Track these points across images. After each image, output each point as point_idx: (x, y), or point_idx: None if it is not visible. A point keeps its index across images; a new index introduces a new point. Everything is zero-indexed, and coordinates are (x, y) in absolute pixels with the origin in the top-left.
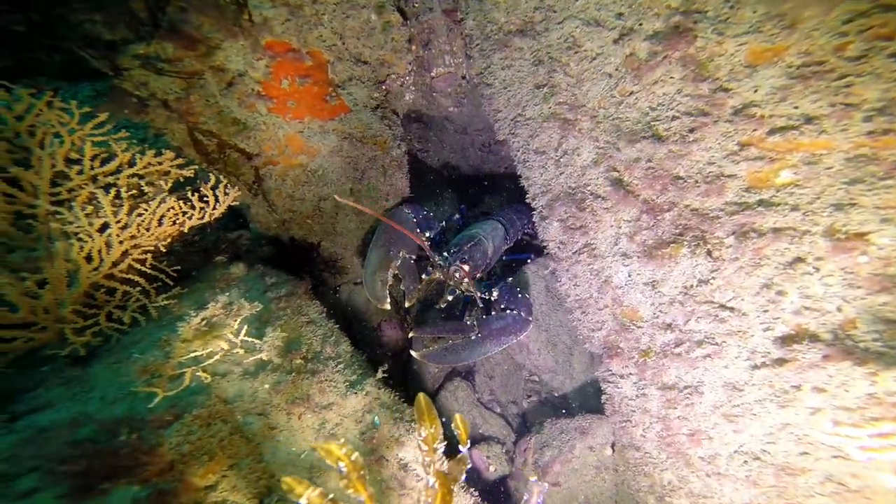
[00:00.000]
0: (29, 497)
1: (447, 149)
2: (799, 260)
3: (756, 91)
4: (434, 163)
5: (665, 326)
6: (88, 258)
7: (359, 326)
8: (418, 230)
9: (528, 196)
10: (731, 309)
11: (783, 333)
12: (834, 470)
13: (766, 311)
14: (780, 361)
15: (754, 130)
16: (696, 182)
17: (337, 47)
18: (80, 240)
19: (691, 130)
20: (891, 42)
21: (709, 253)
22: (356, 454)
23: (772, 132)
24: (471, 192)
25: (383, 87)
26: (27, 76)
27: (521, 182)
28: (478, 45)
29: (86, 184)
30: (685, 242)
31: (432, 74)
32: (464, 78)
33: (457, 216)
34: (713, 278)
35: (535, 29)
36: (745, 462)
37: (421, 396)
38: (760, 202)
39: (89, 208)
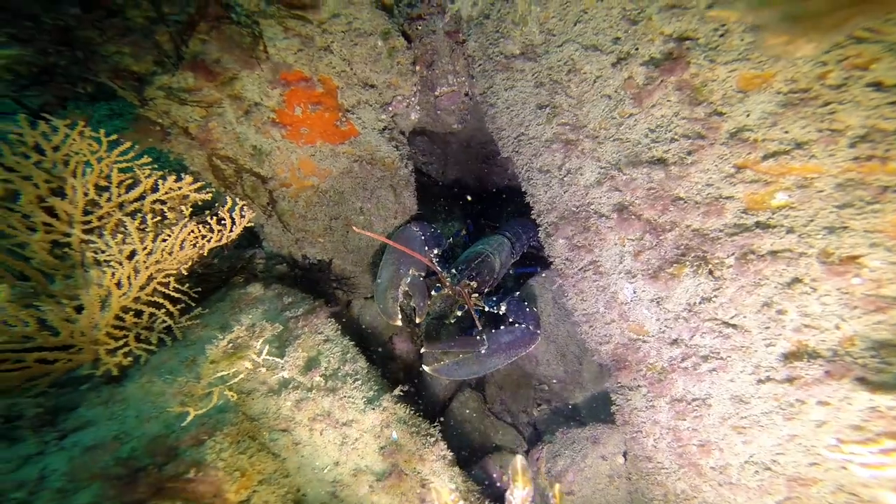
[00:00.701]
0: None
1: (451, 162)
2: (797, 280)
3: (748, 115)
4: (439, 176)
5: (671, 341)
6: (118, 284)
7: (371, 341)
8: (426, 248)
9: (533, 212)
10: (735, 326)
11: (785, 350)
12: (844, 480)
13: (767, 328)
14: (784, 376)
15: (749, 153)
16: (697, 203)
17: (346, 73)
18: (110, 267)
19: (689, 153)
20: (866, 72)
21: (710, 272)
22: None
23: (766, 156)
24: (476, 205)
25: (390, 109)
26: (64, 108)
27: (525, 197)
28: (480, 65)
29: (114, 211)
30: (688, 263)
31: (436, 93)
32: (467, 95)
33: (463, 232)
34: (716, 296)
35: (536, 52)
36: (757, 472)
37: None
38: (758, 224)
39: (119, 236)
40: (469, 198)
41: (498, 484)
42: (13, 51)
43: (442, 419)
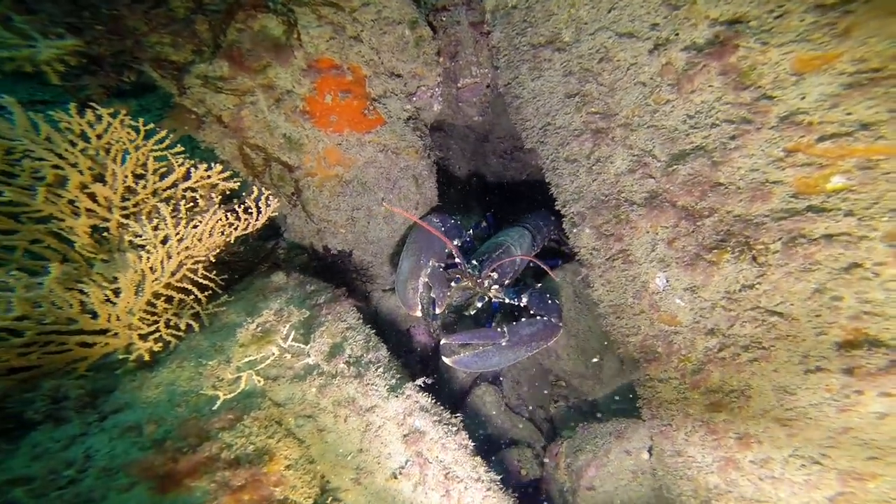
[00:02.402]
0: (129, 490)
1: (468, 157)
2: (855, 265)
3: (804, 98)
4: (456, 171)
5: (707, 331)
6: (152, 268)
7: (388, 331)
8: (448, 239)
9: (557, 203)
10: (781, 314)
11: (840, 338)
12: None
13: (818, 315)
14: (839, 366)
15: (802, 137)
16: (739, 189)
17: (374, 62)
18: (146, 251)
19: (732, 138)
20: None
21: (754, 258)
22: None
23: (822, 138)
24: (494, 201)
25: (414, 99)
26: (108, 98)
27: (548, 189)
28: (505, 56)
29: (149, 197)
30: (729, 248)
31: (459, 85)
32: (488, 87)
33: (484, 224)
34: (759, 283)
35: (565, 41)
36: (804, 466)
37: None
38: (810, 208)
39: (154, 221)
40: (486, 191)
41: (517, 477)
42: (70, 42)
43: (459, 411)
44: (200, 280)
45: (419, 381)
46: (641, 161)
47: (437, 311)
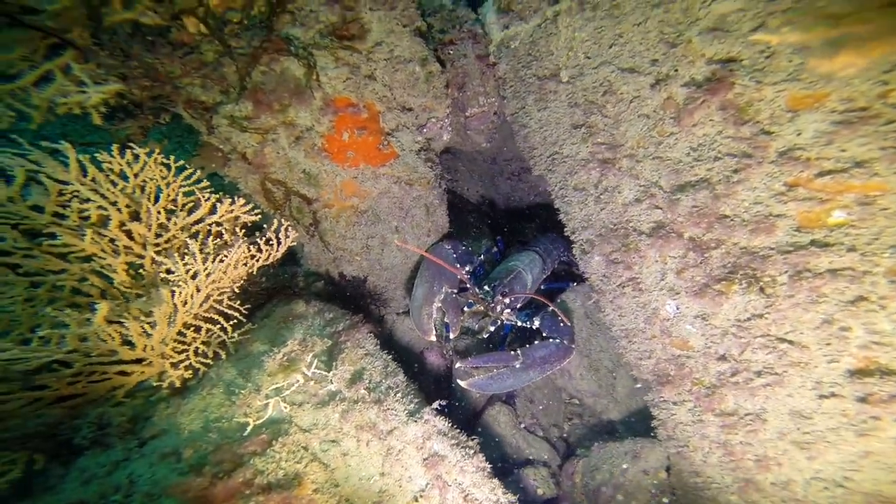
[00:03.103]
0: None
1: (477, 178)
2: (861, 298)
3: (799, 135)
4: (465, 193)
5: (719, 356)
6: (183, 302)
7: (403, 354)
8: (458, 265)
9: (566, 229)
10: (791, 342)
11: (852, 366)
12: None
13: (828, 344)
14: (853, 392)
15: (801, 172)
16: (744, 221)
17: (387, 98)
18: (177, 286)
19: (735, 171)
20: None
21: (762, 290)
22: None
23: (820, 174)
24: (503, 222)
25: (425, 131)
26: (145, 138)
27: (557, 215)
28: (511, 87)
29: (179, 233)
30: (737, 280)
31: (467, 114)
32: (496, 114)
33: (494, 249)
34: (768, 313)
35: (571, 74)
36: (827, 489)
37: None
38: (813, 242)
39: (186, 257)
40: (495, 213)
41: (534, 497)
42: (114, 86)
43: (473, 432)
44: (225, 310)
45: (435, 405)
46: (648, 192)
47: (451, 335)
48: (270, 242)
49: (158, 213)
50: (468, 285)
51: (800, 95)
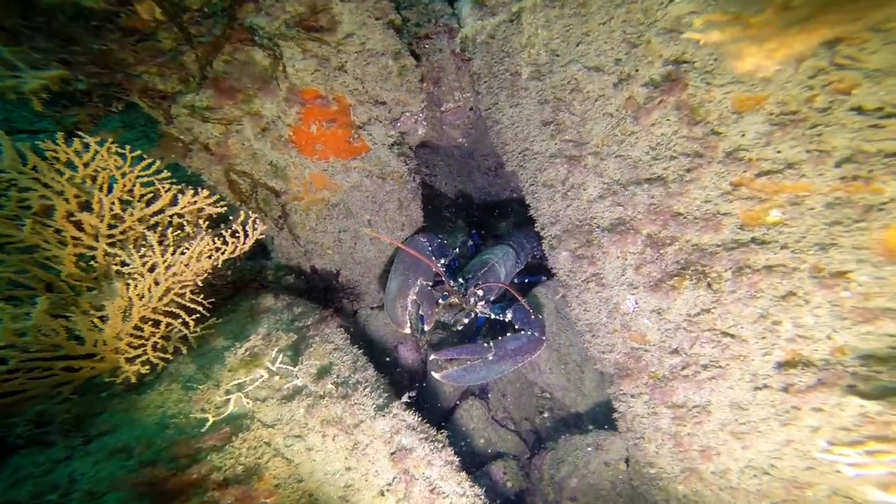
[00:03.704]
0: None
1: (454, 173)
2: (791, 293)
3: (743, 136)
4: (442, 187)
5: (672, 350)
6: (140, 295)
7: (376, 350)
8: (433, 258)
9: (536, 225)
10: (732, 336)
11: (781, 359)
12: (840, 484)
13: (764, 338)
14: (780, 383)
15: (744, 172)
16: (695, 219)
17: (358, 91)
18: (133, 278)
19: (688, 170)
20: (849, 96)
21: (709, 285)
22: None
23: (759, 174)
24: (479, 216)
25: (399, 125)
26: (97, 126)
27: (529, 210)
28: (485, 82)
29: (136, 224)
30: (687, 276)
31: (443, 109)
32: (471, 110)
33: (470, 242)
34: (714, 308)
35: (540, 71)
36: (755, 476)
37: None
38: (753, 240)
39: (142, 249)
40: (472, 207)
41: (503, 489)
42: (55, 72)
43: (447, 426)
44: (188, 304)
45: (405, 398)
46: (611, 189)
47: (426, 327)
48: (237, 235)
49: (112, 203)
50: (443, 277)
51: (743, 97)
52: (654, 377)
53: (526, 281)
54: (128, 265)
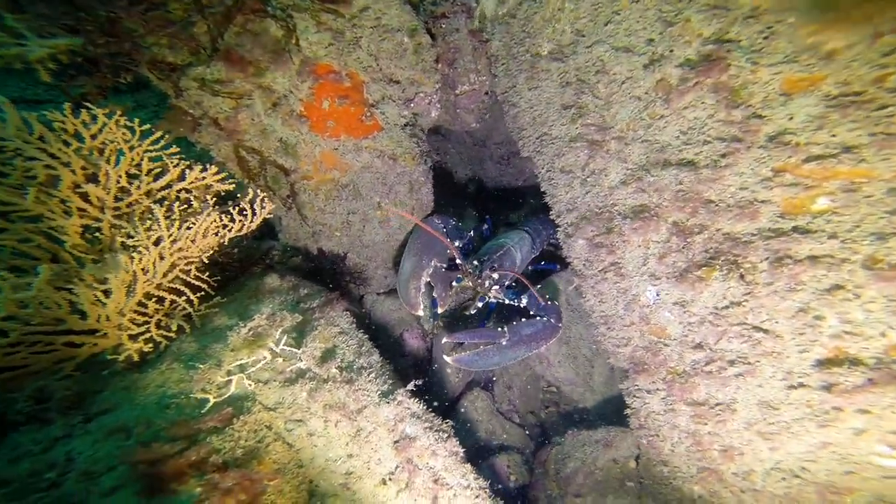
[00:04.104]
0: (112, 494)
1: (465, 161)
2: (837, 287)
3: (791, 119)
4: (454, 175)
5: (695, 345)
6: (144, 269)
7: (381, 336)
8: (448, 240)
9: (552, 213)
10: (766, 331)
11: (822, 356)
12: (888, 491)
13: (802, 334)
14: (819, 383)
15: (789, 157)
16: (728, 206)
17: (372, 68)
18: (138, 252)
19: (723, 155)
20: None
21: (742, 277)
22: None
23: (808, 159)
24: (490, 207)
25: (412, 105)
26: (105, 98)
27: (544, 198)
28: (503, 64)
29: (142, 198)
30: (717, 266)
31: (457, 92)
32: (486, 94)
33: (485, 227)
34: (746, 301)
35: (563, 52)
36: (784, 479)
37: None
38: (795, 228)
39: (147, 222)
40: (483, 197)
41: (506, 483)
42: (63, 41)
43: (450, 416)
44: (193, 281)
45: (410, 385)
46: (635, 175)
47: (439, 310)
48: (244, 212)
49: (119, 176)
50: (458, 259)
51: (795, 78)
52: (674, 373)
53: (541, 265)
54: (133, 238)
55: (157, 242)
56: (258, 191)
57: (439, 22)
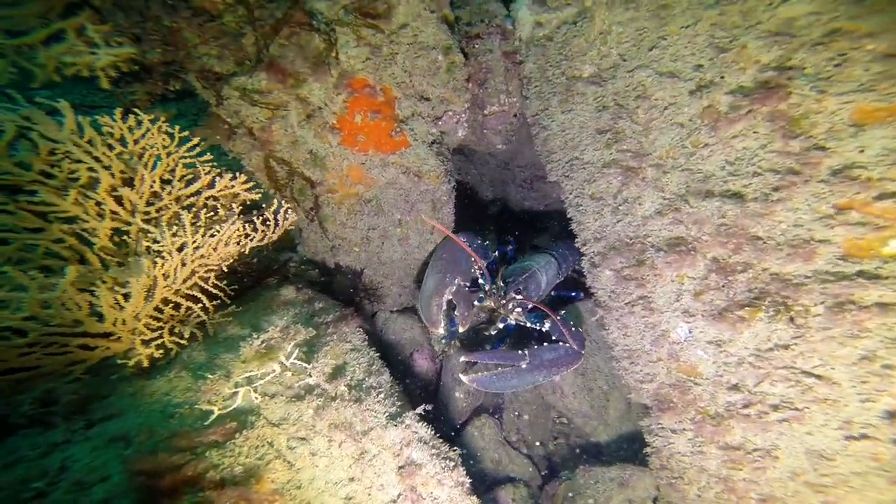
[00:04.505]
0: None
1: (487, 183)
2: None
3: (862, 152)
4: (476, 197)
5: (730, 386)
6: (165, 275)
7: (391, 355)
8: (473, 258)
9: (578, 240)
10: (818, 377)
11: (891, 407)
12: None
13: (864, 382)
14: (889, 435)
15: (857, 193)
16: (779, 245)
17: (405, 84)
18: (161, 257)
19: (776, 189)
20: None
21: (791, 320)
22: None
23: (881, 197)
24: (513, 229)
25: (440, 123)
26: (152, 105)
27: (569, 224)
28: (536, 87)
29: (172, 203)
30: (763, 307)
31: (485, 112)
32: (515, 116)
33: (509, 248)
34: (795, 344)
35: (602, 76)
36: None
37: None
38: (861, 273)
39: (174, 228)
40: (504, 220)
41: None
42: (126, 49)
43: (455, 442)
44: (210, 289)
45: (419, 409)
46: (672, 205)
47: (460, 329)
48: (267, 223)
49: (153, 181)
50: (484, 277)
51: (870, 108)
52: (704, 413)
53: (564, 292)
54: (158, 242)
55: (180, 248)
56: (283, 202)
57: (473, 42)
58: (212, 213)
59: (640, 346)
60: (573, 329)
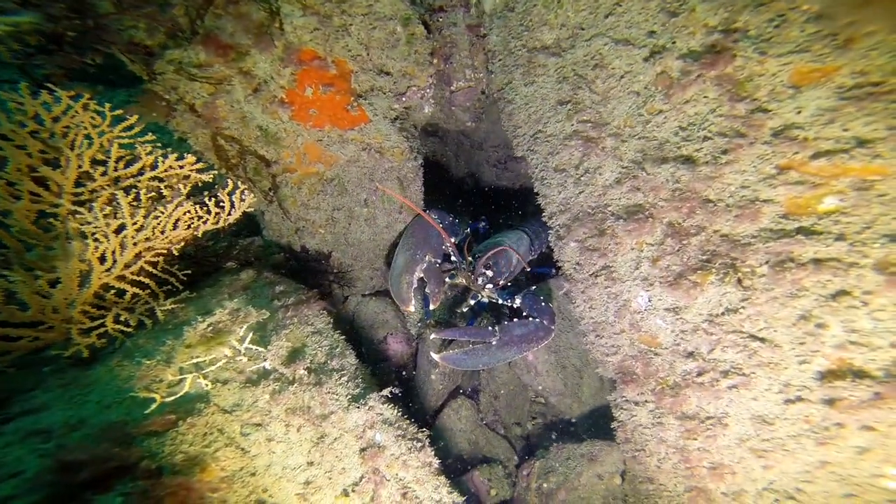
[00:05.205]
0: None
1: (462, 164)
2: (843, 293)
3: (799, 112)
4: (449, 178)
5: (687, 354)
6: (102, 259)
7: (364, 339)
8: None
9: (544, 214)
10: (763, 340)
11: (823, 368)
12: None
13: (802, 343)
14: (820, 397)
15: (795, 153)
16: (728, 206)
17: (361, 57)
18: (96, 240)
19: (724, 152)
20: None
21: (739, 282)
22: None
23: (816, 156)
24: (485, 211)
25: (403, 99)
26: (71, 81)
27: (538, 199)
28: (500, 60)
29: (108, 185)
30: (713, 270)
31: (452, 88)
32: (483, 93)
33: (481, 224)
34: (743, 307)
35: (561, 46)
36: (777, 500)
37: None
38: (800, 230)
39: (108, 209)
40: (478, 201)
41: (486, 497)
42: (25, 17)
43: (432, 425)
44: (160, 274)
45: (385, 392)
46: (630, 173)
47: (432, 306)
48: (222, 204)
49: (80, 161)
50: (453, 253)
51: (806, 69)
52: (664, 384)
53: (537, 271)
54: (90, 224)
55: (119, 230)
56: (238, 182)
57: (437, 15)
58: (155, 195)
59: (605, 317)
60: (543, 304)
